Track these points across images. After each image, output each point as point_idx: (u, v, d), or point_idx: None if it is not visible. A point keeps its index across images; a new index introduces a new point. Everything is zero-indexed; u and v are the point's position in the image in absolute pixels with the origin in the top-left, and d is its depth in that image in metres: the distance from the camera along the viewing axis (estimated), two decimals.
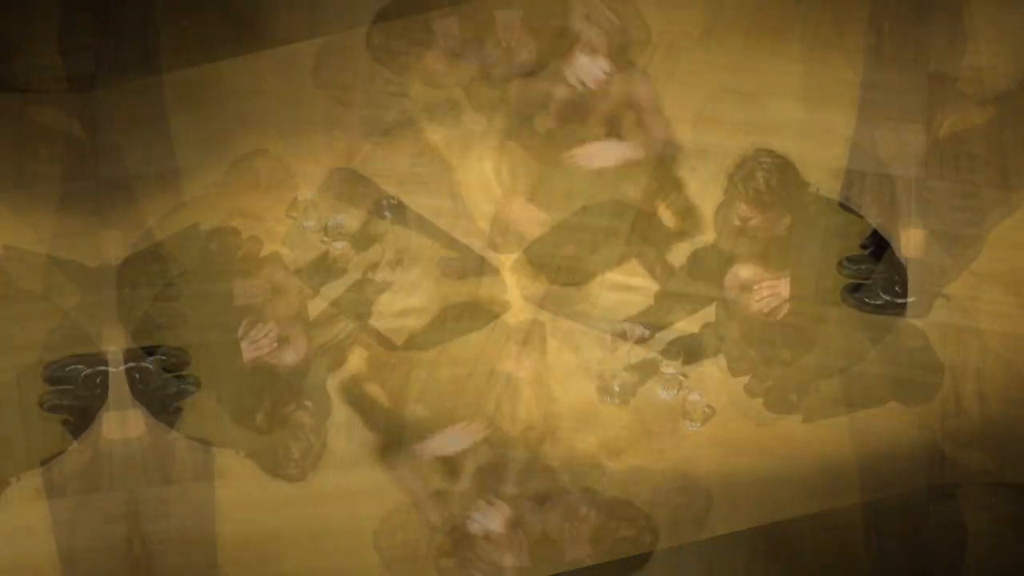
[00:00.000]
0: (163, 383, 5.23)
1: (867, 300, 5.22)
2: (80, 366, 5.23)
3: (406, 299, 5.49)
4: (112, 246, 5.41)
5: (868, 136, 5.46)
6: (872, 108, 5.50)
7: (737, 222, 5.25)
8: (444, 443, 5.19)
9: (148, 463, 5.19)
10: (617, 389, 5.22)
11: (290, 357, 5.26)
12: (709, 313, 5.41)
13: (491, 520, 5.03)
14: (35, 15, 5.69)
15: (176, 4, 5.79)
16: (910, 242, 5.36)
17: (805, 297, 5.22)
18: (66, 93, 5.63)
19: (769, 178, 5.16)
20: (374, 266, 5.45)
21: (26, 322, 5.26)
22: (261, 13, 5.80)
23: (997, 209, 5.39)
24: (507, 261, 5.56)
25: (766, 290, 5.24)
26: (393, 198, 5.55)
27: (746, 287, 5.28)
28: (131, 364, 5.23)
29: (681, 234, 5.57)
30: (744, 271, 5.30)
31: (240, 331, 5.23)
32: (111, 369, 5.23)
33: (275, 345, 5.24)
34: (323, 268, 5.53)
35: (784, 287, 5.23)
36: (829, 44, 5.49)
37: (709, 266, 5.52)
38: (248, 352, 5.22)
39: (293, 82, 5.83)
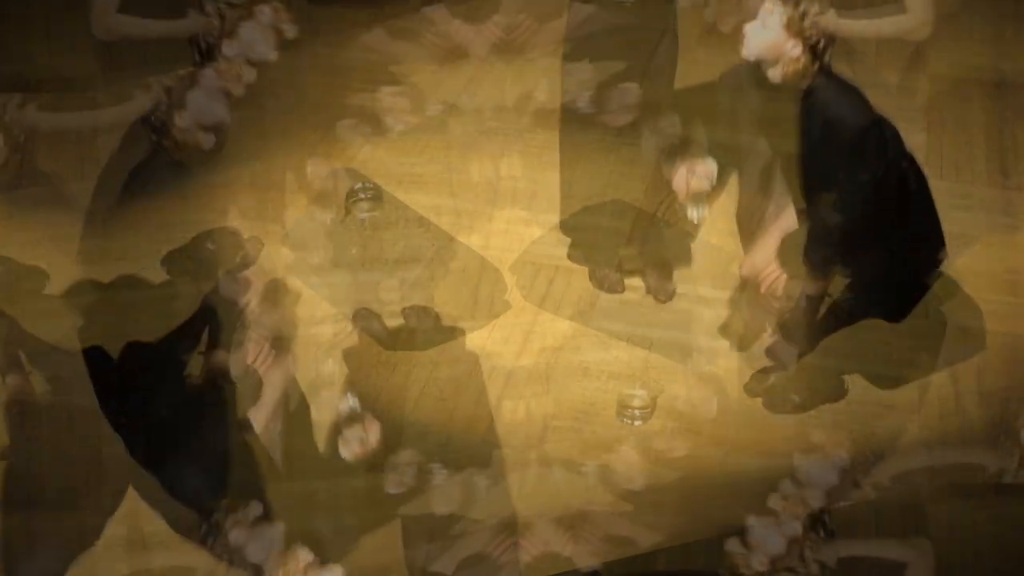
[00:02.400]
0: None
1: None
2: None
3: (406, 299, 5.50)
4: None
5: None
6: None
7: None
8: None
9: None
10: (638, 412, 5.21)
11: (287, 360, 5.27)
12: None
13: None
14: (34, 14, 5.70)
15: None
16: None
17: None
18: (66, 92, 5.65)
19: None
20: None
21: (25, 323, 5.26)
22: None
23: (997, 209, 5.40)
24: (507, 261, 5.57)
25: (773, 271, 5.20)
26: (369, 183, 5.57)
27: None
28: None
29: (683, 234, 5.58)
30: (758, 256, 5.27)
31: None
32: None
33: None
34: (324, 268, 5.55)
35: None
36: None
37: (711, 266, 5.54)
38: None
39: (293, 82, 5.84)
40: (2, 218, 5.47)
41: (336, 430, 5.09)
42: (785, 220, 5.14)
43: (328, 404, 5.20)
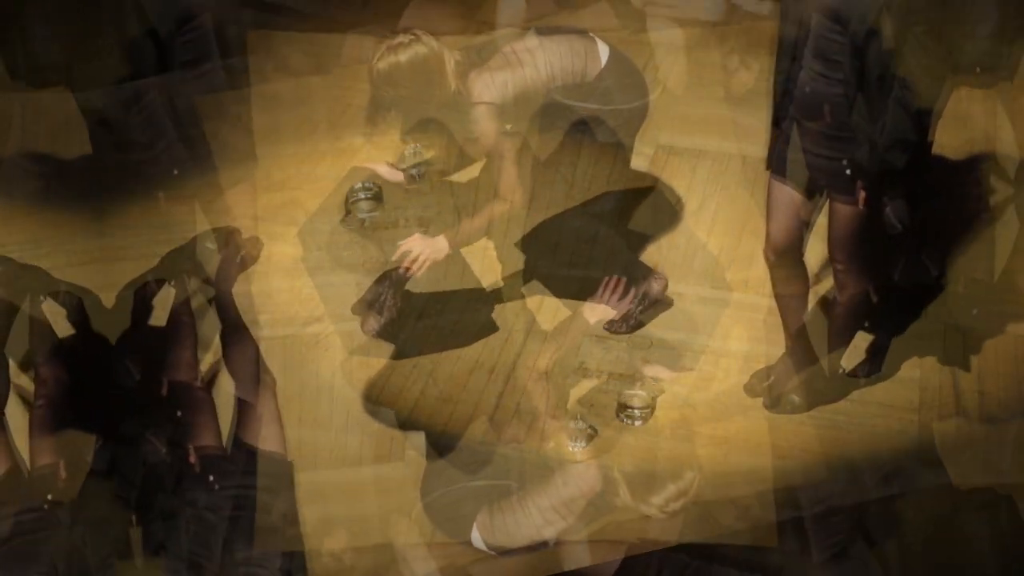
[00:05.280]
0: None
1: None
2: None
3: (406, 300, 5.51)
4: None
5: None
6: None
7: None
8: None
9: None
10: (638, 412, 5.21)
11: None
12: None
13: None
14: (35, 15, 5.71)
15: None
16: None
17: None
18: (73, 93, 5.67)
19: None
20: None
21: None
22: None
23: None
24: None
25: None
26: (369, 183, 5.57)
27: None
28: None
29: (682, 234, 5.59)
30: None
31: None
32: None
33: None
34: (324, 268, 5.56)
35: None
36: None
37: (711, 266, 5.54)
38: None
39: (295, 83, 5.85)
40: (2, 218, 5.49)
41: None
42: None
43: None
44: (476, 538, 4.90)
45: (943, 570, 4.84)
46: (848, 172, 4.76)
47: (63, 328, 5.10)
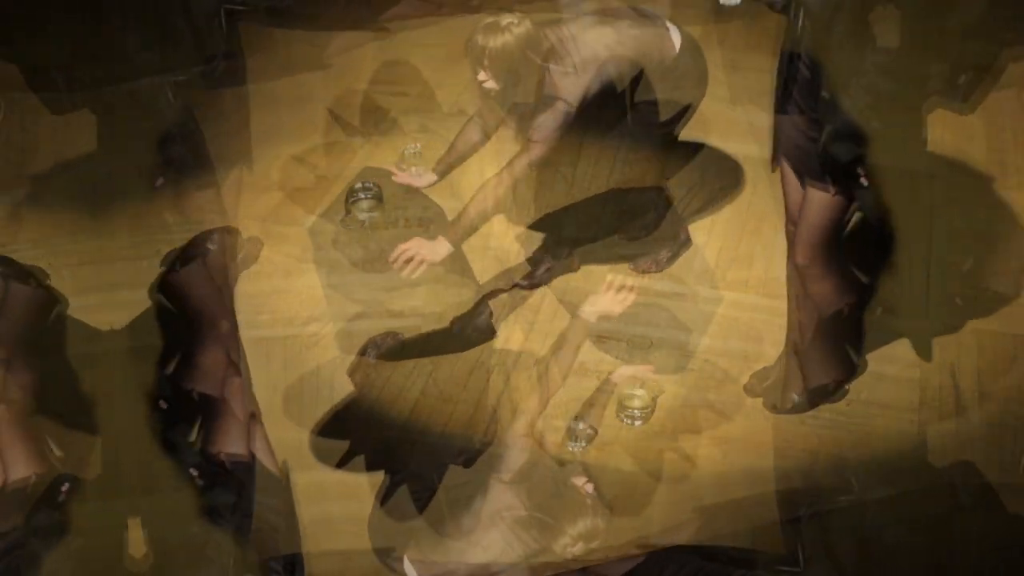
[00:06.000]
0: None
1: None
2: None
3: (406, 299, 5.51)
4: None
5: None
6: None
7: None
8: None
9: None
10: (638, 412, 5.21)
11: None
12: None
13: None
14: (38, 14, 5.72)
15: None
16: None
17: None
18: (73, 93, 5.67)
19: None
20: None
21: None
22: None
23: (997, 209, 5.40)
24: (508, 262, 5.56)
25: None
26: (370, 183, 5.56)
27: None
28: None
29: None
30: None
31: None
32: None
33: None
34: (325, 268, 5.56)
35: None
36: None
37: (711, 266, 5.54)
38: None
39: (294, 82, 5.85)
40: (2, 218, 5.50)
41: None
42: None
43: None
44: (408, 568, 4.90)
45: (939, 570, 4.84)
46: (820, 160, 4.79)
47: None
